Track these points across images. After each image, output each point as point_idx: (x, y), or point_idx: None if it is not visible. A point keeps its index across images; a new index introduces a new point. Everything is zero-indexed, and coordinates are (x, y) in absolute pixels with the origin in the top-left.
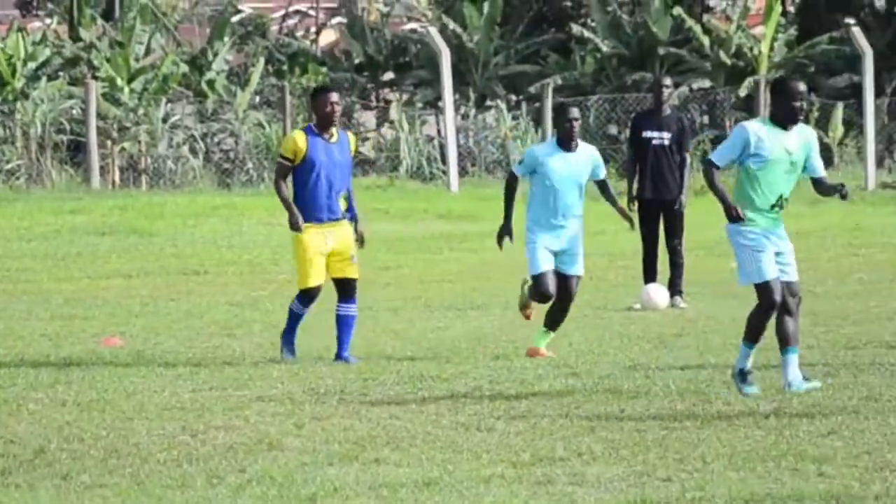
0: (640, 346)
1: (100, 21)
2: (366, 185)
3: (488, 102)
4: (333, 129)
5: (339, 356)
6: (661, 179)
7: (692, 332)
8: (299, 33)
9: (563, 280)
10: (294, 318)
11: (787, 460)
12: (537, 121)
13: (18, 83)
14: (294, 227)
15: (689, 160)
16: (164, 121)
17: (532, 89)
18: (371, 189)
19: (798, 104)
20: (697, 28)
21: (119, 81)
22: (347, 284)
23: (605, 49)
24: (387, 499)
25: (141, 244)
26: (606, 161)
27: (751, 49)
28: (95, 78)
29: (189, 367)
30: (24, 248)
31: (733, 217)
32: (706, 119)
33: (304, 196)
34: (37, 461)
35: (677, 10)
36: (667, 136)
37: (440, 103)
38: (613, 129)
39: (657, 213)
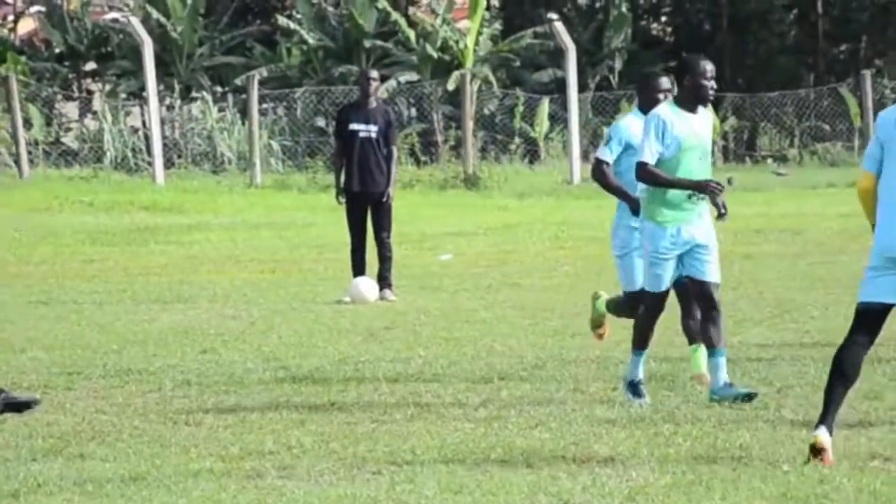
0: (349, 338)
1: None
2: (69, 177)
3: (194, 94)
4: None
5: None
6: (369, 172)
7: (402, 325)
8: None
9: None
10: None
11: (495, 452)
12: (244, 112)
13: None
14: None
15: (396, 153)
16: None
17: (238, 81)
18: (75, 180)
19: (708, 83)
20: (403, 21)
21: None
22: None
23: (311, 41)
24: (92, 494)
25: None
26: (314, 154)
27: (456, 42)
28: None
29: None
30: None
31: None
32: (414, 112)
33: None
34: None
35: (382, 3)
36: (373, 128)
37: (144, 94)
38: (321, 122)
39: (365, 206)
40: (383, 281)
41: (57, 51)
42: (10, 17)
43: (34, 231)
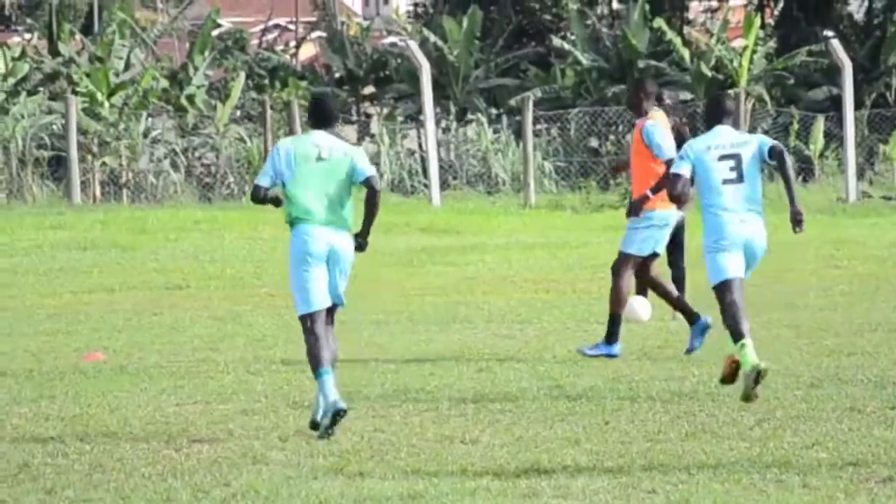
0: (623, 358)
1: (79, 36)
2: None
3: (469, 116)
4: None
5: None
6: None
7: (675, 345)
8: (279, 47)
9: None
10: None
11: (771, 472)
12: (518, 134)
13: None
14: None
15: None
16: (145, 135)
17: (513, 102)
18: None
19: None
20: (677, 40)
21: (99, 96)
22: None
23: (584, 62)
24: None
25: (123, 259)
26: (587, 174)
27: (731, 61)
28: (75, 93)
29: (173, 381)
30: (6, 264)
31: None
32: (688, 131)
33: None
34: (21, 475)
35: (657, 23)
36: None
37: (421, 117)
38: (594, 142)
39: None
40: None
41: (337, 75)
42: (292, 44)
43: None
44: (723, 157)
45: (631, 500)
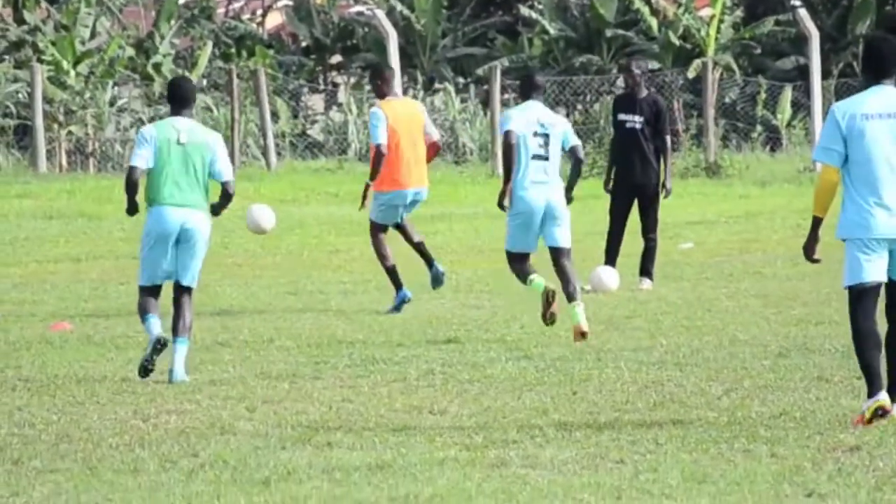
0: (591, 327)
1: (44, 4)
2: (315, 168)
3: (436, 85)
4: None
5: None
6: (632, 163)
7: (643, 314)
8: (245, 16)
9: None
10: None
11: (739, 441)
12: (485, 103)
13: None
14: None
15: (668, 143)
16: (111, 104)
17: (480, 72)
18: (320, 172)
19: None
20: (645, 10)
21: (65, 65)
22: None
23: (552, 31)
24: (340, 482)
25: (89, 228)
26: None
27: (698, 31)
28: (41, 61)
29: (139, 351)
30: None
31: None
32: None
33: None
34: None
35: None
36: (638, 119)
37: None
38: (562, 112)
39: (628, 197)
40: (644, 271)
41: (303, 44)
42: (259, 12)
43: (281, 222)
44: (536, 135)
45: (599, 469)
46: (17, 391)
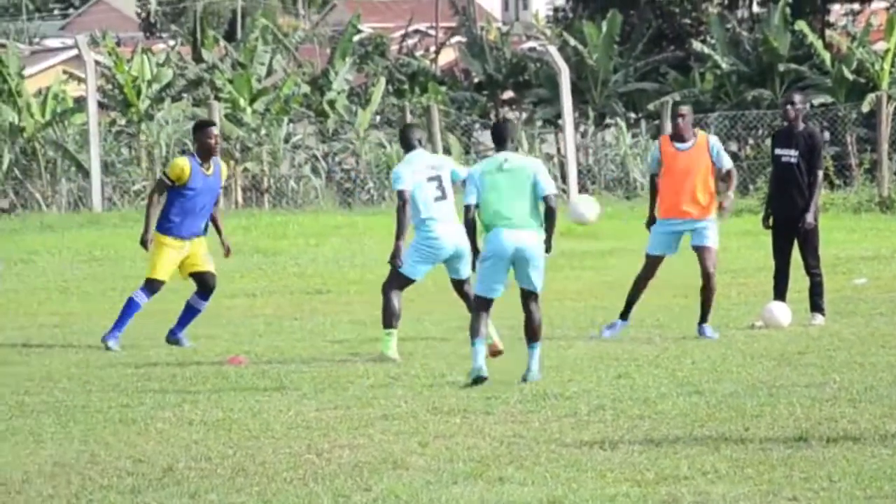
0: (763, 363)
1: (222, 42)
2: None
3: (608, 120)
4: (211, 161)
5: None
6: (789, 198)
7: (816, 350)
8: (419, 53)
9: None
10: (133, 308)
11: None
12: (656, 138)
13: (143, 104)
14: (144, 244)
15: (819, 178)
16: (286, 141)
17: (651, 107)
18: None
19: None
20: (818, 43)
21: (241, 102)
22: (206, 278)
23: (724, 66)
24: None
25: (264, 263)
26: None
27: (872, 64)
28: (218, 99)
29: (313, 385)
30: None
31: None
32: (827, 135)
33: (178, 215)
34: (165, 480)
35: (798, 26)
36: (793, 153)
37: (560, 121)
38: (733, 146)
39: (787, 232)
40: (814, 306)
41: (476, 80)
42: (432, 49)
43: None
44: (430, 179)
45: None
46: (193, 425)
